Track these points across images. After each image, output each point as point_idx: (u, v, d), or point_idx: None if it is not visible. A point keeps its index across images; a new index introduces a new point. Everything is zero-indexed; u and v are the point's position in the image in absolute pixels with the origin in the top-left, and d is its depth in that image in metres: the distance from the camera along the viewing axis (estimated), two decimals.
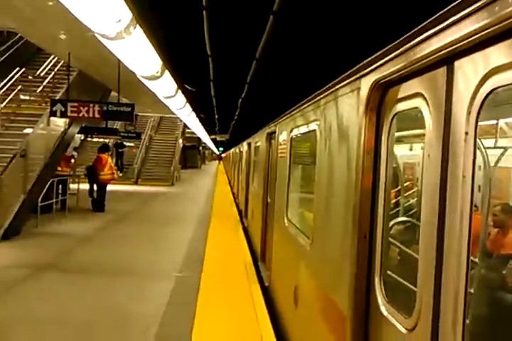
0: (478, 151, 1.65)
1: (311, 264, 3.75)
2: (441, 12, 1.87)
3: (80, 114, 9.58)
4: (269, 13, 4.71)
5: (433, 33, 1.71)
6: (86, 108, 9.58)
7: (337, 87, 3.09)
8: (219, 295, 6.10)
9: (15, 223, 9.41)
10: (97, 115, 9.75)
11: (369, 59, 2.73)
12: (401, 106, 2.24)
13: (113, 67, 10.24)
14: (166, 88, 12.27)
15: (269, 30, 5.43)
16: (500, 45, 1.46)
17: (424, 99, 1.95)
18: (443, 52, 1.70)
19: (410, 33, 2.21)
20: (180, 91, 13.15)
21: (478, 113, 1.56)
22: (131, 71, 9.90)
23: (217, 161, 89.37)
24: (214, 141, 58.03)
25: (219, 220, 12.65)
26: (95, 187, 14.06)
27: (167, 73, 10.00)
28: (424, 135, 2.00)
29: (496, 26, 1.41)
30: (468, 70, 1.63)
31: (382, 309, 2.30)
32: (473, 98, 1.58)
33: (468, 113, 1.60)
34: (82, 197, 14.08)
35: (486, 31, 1.46)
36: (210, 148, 79.68)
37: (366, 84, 2.50)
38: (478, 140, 1.62)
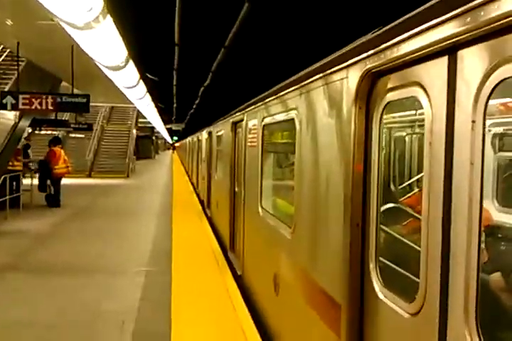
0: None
1: (293, 252, 3.77)
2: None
3: (33, 106, 9.12)
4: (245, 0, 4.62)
5: (437, 22, 1.73)
6: (39, 100, 9.12)
7: (320, 75, 3.08)
8: (192, 287, 6.07)
9: None
10: (50, 107, 9.32)
11: (354, 46, 2.73)
12: (394, 95, 2.26)
13: (65, 56, 9.80)
14: (128, 78, 11.97)
15: (242, 17, 5.33)
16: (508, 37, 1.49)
17: (422, 88, 1.98)
18: (447, 42, 1.72)
19: (399, 20, 2.23)
20: (142, 81, 12.85)
21: (487, 102, 1.59)
22: (86, 60, 9.52)
23: (170, 151, 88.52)
24: (169, 130, 57.38)
25: (181, 211, 12.54)
26: (48, 181, 13.58)
27: (131, 63, 9.70)
28: (414, 122, 2.03)
29: (505, 20, 1.44)
30: (475, 60, 1.66)
31: (380, 295, 2.35)
32: (480, 87, 1.61)
33: (475, 102, 1.63)
34: (35, 193, 13.53)
35: (494, 25, 1.49)
36: (163, 138, 78.56)
37: (356, 73, 2.50)
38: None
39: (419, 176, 5.32)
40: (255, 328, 4.71)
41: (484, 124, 1.62)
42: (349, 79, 2.61)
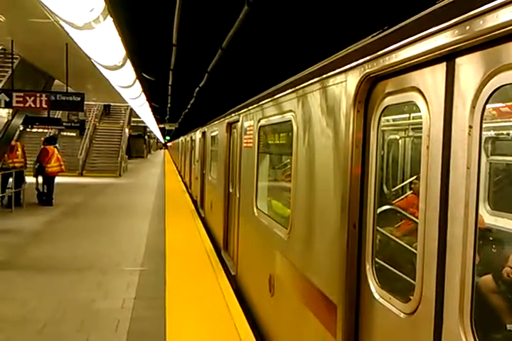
0: None
1: (289, 253, 3.80)
2: (437, 6, 1.94)
3: (26, 104, 9.07)
4: (245, 3, 4.64)
5: (437, 30, 1.77)
6: (32, 98, 9.09)
7: (319, 78, 3.12)
8: (186, 286, 6.09)
9: None
10: (44, 105, 9.28)
11: (353, 50, 2.77)
12: (392, 100, 2.30)
13: (58, 55, 9.77)
14: (125, 78, 12.00)
15: (241, 19, 5.36)
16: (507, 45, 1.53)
17: (420, 93, 2.02)
18: (446, 49, 1.77)
19: (397, 26, 2.27)
20: (137, 81, 12.87)
21: (484, 108, 1.64)
22: (79, 58, 9.49)
23: (161, 150, 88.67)
24: (162, 129, 57.42)
25: (174, 211, 12.54)
26: (40, 180, 13.51)
27: (128, 63, 9.70)
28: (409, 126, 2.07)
29: (504, 29, 1.49)
30: (473, 67, 1.70)
31: (376, 295, 2.39)
32: (478, 93, 1.65)
33: (473, 107, 1.68)
34: (27, 191, 13.46)
35: (493, 33, 1.54)
36: (155, 137, 78.38)
37: (355, 77, 2.54)
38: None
39: (411, 179, 5.40)
40: (249, 328, 4.74)
41: (481, 129, 1.67)
42: (348, 82, 2.65)
